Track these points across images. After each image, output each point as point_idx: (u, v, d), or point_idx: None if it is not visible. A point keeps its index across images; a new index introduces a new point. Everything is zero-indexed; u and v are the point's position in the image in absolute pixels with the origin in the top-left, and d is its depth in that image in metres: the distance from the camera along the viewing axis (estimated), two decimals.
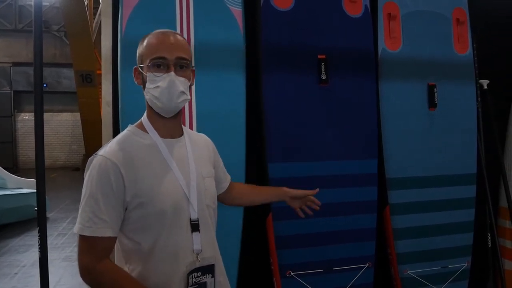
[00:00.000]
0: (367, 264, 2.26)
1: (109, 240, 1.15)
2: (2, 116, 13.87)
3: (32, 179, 4.60)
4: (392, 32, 2.35)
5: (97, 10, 11.06)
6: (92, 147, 10.82)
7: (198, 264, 1.20)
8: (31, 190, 5.99)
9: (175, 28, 2.01)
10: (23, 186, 6.51)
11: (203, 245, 1.22)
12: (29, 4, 13.26)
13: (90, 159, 1.19)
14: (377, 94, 2.32)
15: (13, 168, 12.43)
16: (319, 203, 1.64)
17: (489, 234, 2.65)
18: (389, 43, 2.35)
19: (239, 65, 2.10)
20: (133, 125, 1.27)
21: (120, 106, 1.94)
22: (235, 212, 2.03)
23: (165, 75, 1.18)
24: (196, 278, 1.19)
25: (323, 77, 2.18)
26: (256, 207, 1.84)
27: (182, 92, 1.19)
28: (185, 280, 1.18)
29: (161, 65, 1.19)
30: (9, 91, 13.94)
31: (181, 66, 1.21)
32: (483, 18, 2.63)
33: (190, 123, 2.01)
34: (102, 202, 1.13)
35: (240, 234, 2.07)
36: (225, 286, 1.33)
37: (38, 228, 1.94)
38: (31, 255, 4.77)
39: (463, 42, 2.46)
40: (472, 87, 2.51)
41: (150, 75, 1.19)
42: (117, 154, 1.16)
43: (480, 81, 2.66)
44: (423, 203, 2.37)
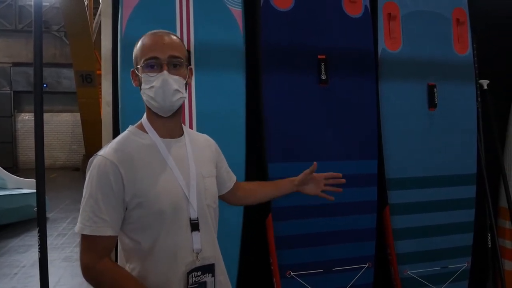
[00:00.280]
0: (367, 264, 2.26)
1: (109, 239, 1.16)
2: (2, 116, 13.88)
3: (32, 179, 4.60)
4: (392, 32, 2.35)
5: (97, 10, 11.07)
6: (92, 147, 10.84)
7: (198, 264, 1.20)
8: (31, 191, 5.99)
9: (175, 28, 2.01)
10: (23, 187, 6.51)
11: (203, 245, 1.22)
12: (29, 4, 13.27)
13: (91, 160, 1.20)
14: (377, 94, 2.32)
15: (13, 168, 12.43)
16: (340, 175, 1.53)
17: (489, 235, 2.65)
18: (389, 43, 2.35)
19: (239, 65, 2.10)
20: (133, 126, 1.28)
21: (120, 106, 1.94)
22: (235, 212, 2.03)
23: (159, 75, 1.18)
24: (196, 278, 1.20)
25: (323, 77, 2.18)
26: (256, 207, 1.84)
27: (177, 90, 1.20)
28: (185, 280, 1.18)
29: (155, 65, 1.19)
30: (9, 91, 13.96)
31: (175, 65, 1.21)
32: (483, 18, 2.63)
33: (190, 123, 2.01)
34: (102, 202, 1.14)
35: (240, 234, 2.07)
36: (226, 286, 1.33)
37: (38, 229, 1.94)
38: (31, 256, 4.77)
39: (463, 42, 2.46)
40: (472, 87, 2.51)
41: (145, 76, 1.20)
42: (116, 155, 1.17)
43: (480, 81, 2.67)
44: (423, 203, 2.38)
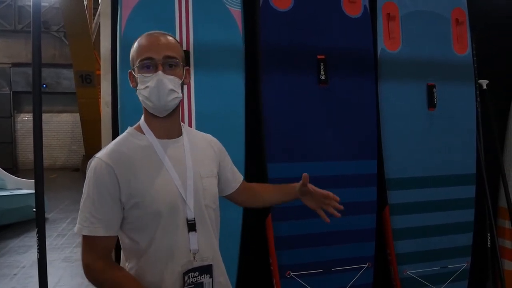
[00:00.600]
0: (367, 265, 2.26)
1: (108, 239, 1.17)
2: (2, 117, 13.87)
3: (32, 180, 4.57)
4: (392, 33, 2.35)
5: (97, 11, 11.07)
6: (92, 148, 10.83)
7: (195, 264, 1.20)
8: (31, 191, 5.98)
9: (174, 29, 2.01)
10: (23, 187, 6.51)
11: (201, 245, 1.22)
12: (29, 5, 13.26)
13: (89, 162, 1.21)
14: (377, 95, 2.32)
15: (13, 169, 12.40)
16: (338, 199, 1.45)
17: (489, 234, 2.65)
18: (389, 44, 2.35)
19: (239, 66, 2.10)
20: (132, 127, 1.29)
21: (119, 107, 1.94)
22: (235, 213, 2.03)
23: (154, 75, 1.18)
24: (193, 278, 1.19)
25: (323, 78, 2.18)
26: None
27: (172, 90, 1.19)
28: (181, 280, 1.18)
29: (150, 66, 1.19)
30: (9, 92, 13.95)
31: (170, 65, 1.21)
32: (482, 18, 2.63)
33: (190, 124, 2.00)
34: (99, 203, 1.15)
35: (240, 235, 2.07)
36: (226, 287, 1.32)
37: (37, 229, 1.94)
38: (31, 256, 4.76)
39: (463, 42, 2.46)
40: (472, 87, 2.52)
41: (140, 76, 1.20)
42: (113, 156, 1.18)
43: (480, 81, 2.67)
44: (423, 204, 2.37)
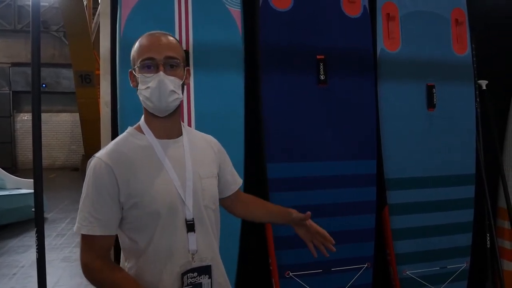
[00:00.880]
0: (366, 265, 2.26)
1: (106, 239, 1.17)
2: (1, 117, 13.87)
3: (31, 180, 4.58)
4: (391, 33, 2.35)
5: (97, 11, 11.06)
6: (91, 148, 10.83)
7: (194, 265, 1.20)
8: (30, 191, 5.97)
9: (174, 29, 2.01)
10: (22, 187, 6.51)
11: (200, 246, 1.21)
12: (28, 4, 13.20)
13: (89, 161, 1.21)
14: (376, 95, 2.32)
15: (12, 169, 12.39)
16: (333, 242, 1.44)
17: (488, 235, 2.65)
18: (388, 44, 2.35)
19: (238, 66, 2.10)
20: (132, 127, 1.29)
21: (119, 107, 1.94)
22: None
23: (155, 76, 1.18)
24: (192, 279, 1.19)
25: (322, 78, 2.18)
26: None
27: (173, 91, 1.19)
28: (180, 280, 1.18)
29: (151, 66, 1.19)
30: (8, 92, 13.95)
31: (171, 66, 1.21)
32: (482, 19, 2.63)
33: (189, 124, 2.00)
34: (98, 203, 1.15)
35: (239, 235, 2.07)
36: None
37: (36, 229, 1.94)
38: (30, 256, 4.75)
39: (462, 43, 2.46)
40: (471, 88, 2.51)
41: (141, 77, 1.20)
42: (112, 156, 1.18)
43: (479, 82, 2.67)
44: (422, 204, 2.37)
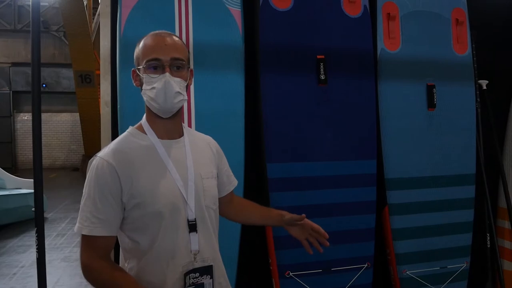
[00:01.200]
0: (366, 265, 2.26)
1: (107, 239, 1.17)
2: (1, 116, 13.86)
3: (31, 180, 4.58)
4: (391, 33, 2.35)
5: (97, 11, 11.07)
6: (91, 147, 10.86)
7: (196, 265, 1.20)
8: (30, 191, 5.98)
9: (174, 29, 2.01)
10: (22, 187, 6.50)
11: (201, 246, 1.22)
12: (28, 4, 13.25)
13: (90, 161, 1.21)
14: (376, 95, 2.31)
15: (12, 169, 12.42)
16: (327, 236, 1.41)
17: (488, 235, 2.64)
18: (388, 44, 2.34)
19: (238, 66, 2.10)
20: (133, 127, 1.29)
21: (119, 106, 1.94)
22: None
23: (161, 76, 1.18)
24: (194, 279, 1.19)
25: (322, 77, 2.18)
26: None
27: (178, 93, 1.19)
28: (182, 280, 1.18)
29: (157, 67, 1.19)
30: (8, 91, 13.94)
31: (177, 67, 1.21)
32: (482, 18, 2.63)
33: (189, 124, 2.00)
34: (100, 203, 1.15)
35: (239, 234, 2.07)
36: None
37: (36, 229, 1.94)
38: (30, 256, 4.75)
39: (462, 43, 2.46)
40: (471, 88, 2.51)
41: (146, 77, 1.20)
42: (114, 155, 1.18)
43: (479, 82, 2.66)
44: (422, 204, 2.37)
